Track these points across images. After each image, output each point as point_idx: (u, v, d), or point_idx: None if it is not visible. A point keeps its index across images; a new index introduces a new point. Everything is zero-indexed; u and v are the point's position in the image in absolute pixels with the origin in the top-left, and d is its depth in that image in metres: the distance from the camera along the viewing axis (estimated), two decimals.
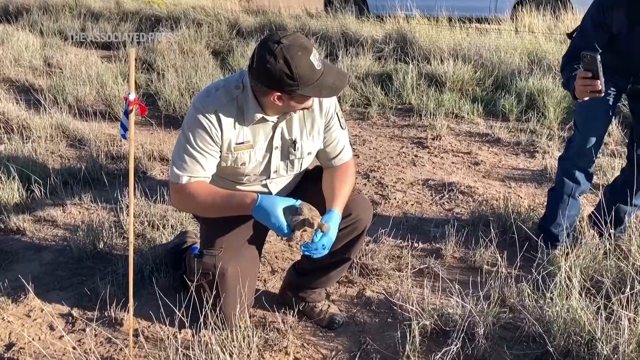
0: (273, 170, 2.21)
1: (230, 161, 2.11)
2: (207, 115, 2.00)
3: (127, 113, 1.90)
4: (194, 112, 2.02)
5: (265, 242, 2.54)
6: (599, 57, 2.24)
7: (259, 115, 2.03)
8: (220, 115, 2.00)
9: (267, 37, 1.90)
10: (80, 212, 3.31)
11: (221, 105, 2.00)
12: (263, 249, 2.54)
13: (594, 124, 2.73)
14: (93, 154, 3.83)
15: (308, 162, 2.28)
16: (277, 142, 2.14)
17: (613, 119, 4.33)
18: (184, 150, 2.03)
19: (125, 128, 1.94)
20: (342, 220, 2.19)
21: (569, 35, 2.80)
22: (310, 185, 2.32)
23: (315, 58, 1.87)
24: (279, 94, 1.92)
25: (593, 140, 2.72)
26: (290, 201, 1.99)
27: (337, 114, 2.19)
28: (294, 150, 2.18)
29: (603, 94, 2.33)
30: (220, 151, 2.07)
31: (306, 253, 2.07)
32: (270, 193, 2.27)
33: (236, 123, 2.04)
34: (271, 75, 1.85)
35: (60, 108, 4.78)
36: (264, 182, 2.25)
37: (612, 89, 2.63)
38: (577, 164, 2.80)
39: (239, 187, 2.23)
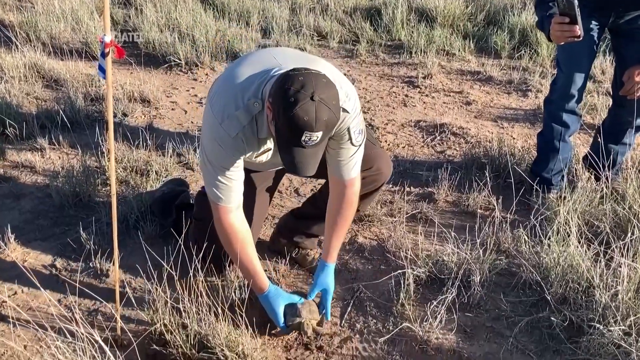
0: None
1: (249, 162, 2.02)
2: (231, 142, 1.83)
3: (104, 55, 1.75)
4: (216, 136, 1.84)
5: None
6: (576, 1, 2.13)
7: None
8: (243, 138, 1.84)
9: (307, 75, 1.66)
10: (59, 158, 3.17)
11: (243, 127, 1.82)
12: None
13: (578, 63, 2.61)
14: (71, 96, 3.65)
15: None
16: None
17: (607, 56, 4.23)
18: (214, 177, 1.90)
19: (103, 70, 1.80)
20: (364, 171, 2.12)
21: None
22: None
23: (310, 136, 1.64)
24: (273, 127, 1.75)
25: (578, 79, 2.62)
26: (294, 299, 2.05)
27: (348, 129, 1.92)
28: None
29: (582, 38, 2.24)
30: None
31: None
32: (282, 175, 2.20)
33: (256, 140, 1.90)
34: (277, 108, 1.65)
35: (34, 46, 4.53)
36: (275, 169, 2.18)
37: (594, 22, 2.52)
38: (564, 107, 2.70)
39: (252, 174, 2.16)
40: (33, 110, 3.60)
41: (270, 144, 1.95)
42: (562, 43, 2.32)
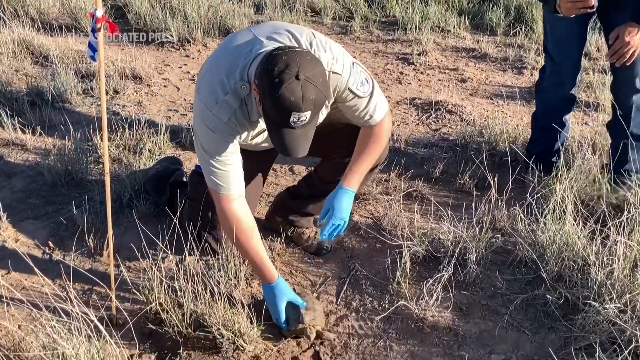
0: None
1: (245, 144, 1.98)
2: (224, 127, 1.80)
3: (94, 31, 1.71)
4: (209, 123, 1.80)
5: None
6: None
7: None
8: (235, 122, 1.81)
9: (291, 54, 1.62)
10: (50, 136, 3.12)
11: (234, 110, 1.79)
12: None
13: (568, 49, 2.49)
14: (61, 72, 3.59)
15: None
16: None
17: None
18: (211, 165, 1.86)
19: (93, 48, 1.75)
20: None
21: None
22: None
23: (298, 116, 1.62)
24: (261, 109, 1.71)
25: (570, 67, 2.52)
26: (298, 300, 1.99)
27: (348, 88, 1.89)
28: None
29: (595, 9, 2.16)
30: None
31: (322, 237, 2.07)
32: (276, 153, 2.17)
33: (248, 123, 1.86)
34: (263, 90, 1.62)
35: (22, 22, 4.45)
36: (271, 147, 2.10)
37: None
38: (556, 94, 2.63)
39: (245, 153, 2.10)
40: (23, 88, 3.54)
41: (262, 124, 1.92)
42: (573, 15, 2.19)
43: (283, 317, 1.96)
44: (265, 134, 1.96)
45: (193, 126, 1.97)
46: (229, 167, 1.87)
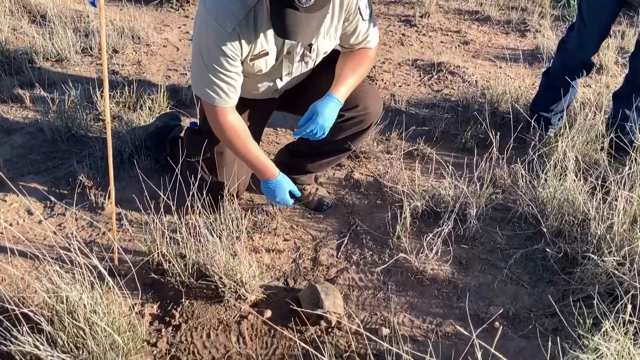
0: (285, 73, 2.05)
1: (246, 70, 1.95)
2: (227, 37, 1.78)
3: None
4: (211, 32, 1.78)
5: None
6: None
7: None
8: (239, 33, 1.78)
9: None
10: (50, 93, 3.10)
11: (239, 21, 1.76)
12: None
13: (600, 14, 2.44)
14: (59, 31, 3.55)
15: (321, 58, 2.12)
16: (292, 45, 1.95)
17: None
18: (207, 76, 1.85)
19: (94, 4, 1.73)
20: (350, 111, 2.10)
21: None
22: (318, 71, 2.16)
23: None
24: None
25: (598, 32, 2.48)
26: (296, 190, 2.13)
27: (359, 8, 1.93)
28: (309, 52, 2.01)
29: None
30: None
31: (296, 135, 2.03)
32: (277, 88, 2.13)
33: (254, 36, 1.83)
34: None
35: None
36: (274, 81, 2.09)
37: None
38: (577, 57, 2.59)
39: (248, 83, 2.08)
40: (20, 46, 3.51)
41: (268, 44, 1.89)
42: None
43: (289, 200, 2.11)
44: (268, 60, 1.94)
45: (194, 36, 1.94)
46: (229, 80, 1.86)
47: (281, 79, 2.07)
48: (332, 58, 2.11)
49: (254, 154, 2.03)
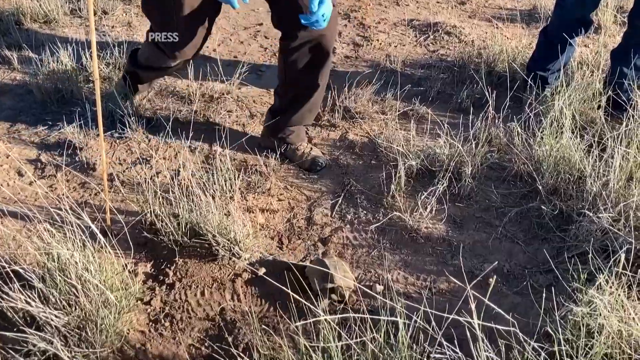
0: None
1: None
2: None
3: None
4: None
5: None
6: None
7: None
8: None
9: None
10: (37, 54, 3.04)
11: None
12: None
13: None
14: None
15: None
16: None
17: None
18: None
19: None
20: (306, 30, 2.04)
21: None
22: None
23: None
24: None
25: None
26: None
27: None
28: None
29: None
30: None
31: (305, 23, 1.92)
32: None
33: None
34: None
35: None
36: None
37: None
38: (576, 14, 2.53)
39: None
40: (7, 7, 3.43)
41: None
42: None
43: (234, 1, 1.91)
44: None
45: None
46: None
47: None
48: None
49: None
